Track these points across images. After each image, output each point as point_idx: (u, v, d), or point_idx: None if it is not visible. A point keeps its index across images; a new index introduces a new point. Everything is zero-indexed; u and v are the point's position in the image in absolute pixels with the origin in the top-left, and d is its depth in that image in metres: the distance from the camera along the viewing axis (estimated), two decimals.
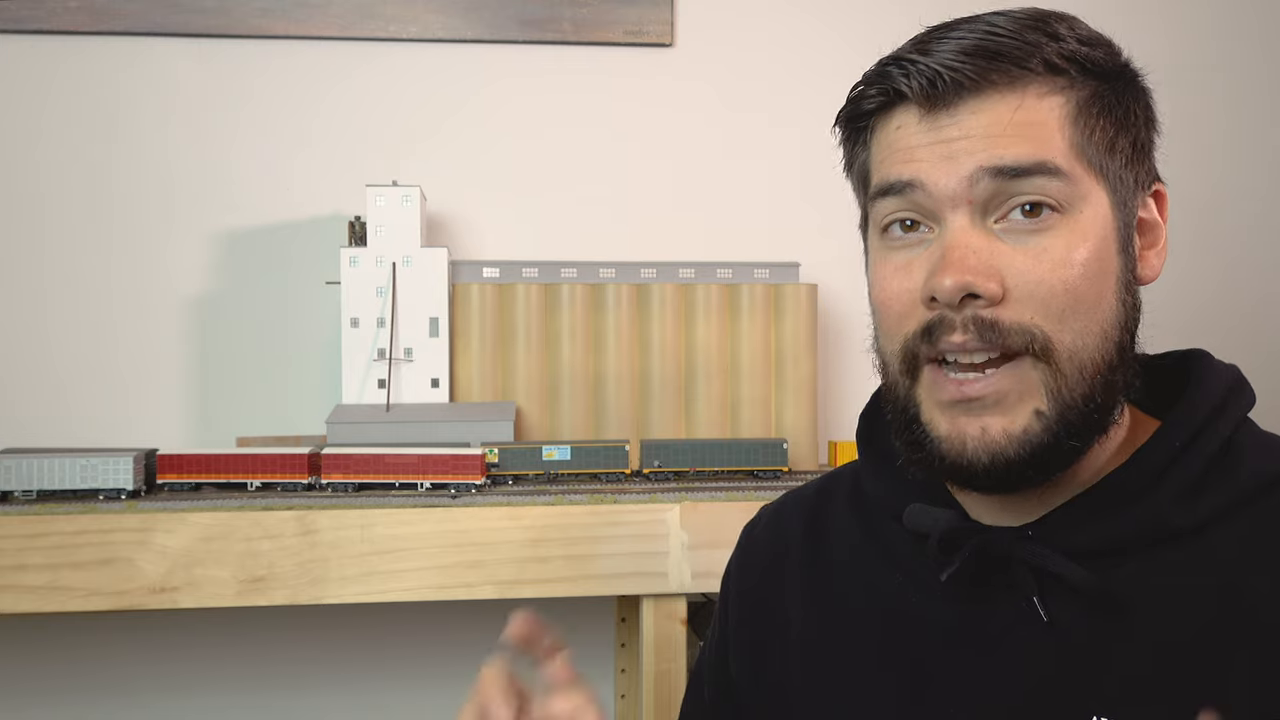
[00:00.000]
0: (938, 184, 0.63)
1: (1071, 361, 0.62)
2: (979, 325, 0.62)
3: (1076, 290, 0.62)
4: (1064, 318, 0.62)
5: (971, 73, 0.62)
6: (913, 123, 0.65)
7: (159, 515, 1.08)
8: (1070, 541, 0.64)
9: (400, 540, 1.11)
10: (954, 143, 0.63)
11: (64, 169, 1.45)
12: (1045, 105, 0.63)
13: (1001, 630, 0.65)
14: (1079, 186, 0.63)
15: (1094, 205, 0.63)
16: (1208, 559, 0.62)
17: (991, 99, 0.63)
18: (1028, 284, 0.62)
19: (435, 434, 1.30)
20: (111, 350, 1.45)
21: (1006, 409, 0.62)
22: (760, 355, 1.41)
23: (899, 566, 0.72)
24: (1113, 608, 0.62)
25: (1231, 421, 0.66)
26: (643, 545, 1.13)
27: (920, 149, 0.64)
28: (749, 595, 0.82)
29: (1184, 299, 1.61)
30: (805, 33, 1.56)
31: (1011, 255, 0.62)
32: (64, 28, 1.43)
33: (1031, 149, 0.62)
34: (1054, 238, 0.62)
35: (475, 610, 1.50)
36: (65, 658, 1.44)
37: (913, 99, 0.64)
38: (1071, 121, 0.63)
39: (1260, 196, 1.65)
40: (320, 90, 1.49)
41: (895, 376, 0.67)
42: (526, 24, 1.50)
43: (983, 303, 0.62)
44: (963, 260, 0.62)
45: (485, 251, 1.51)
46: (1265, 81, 1.64)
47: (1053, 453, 0.62)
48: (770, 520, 0.85)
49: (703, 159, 1.55)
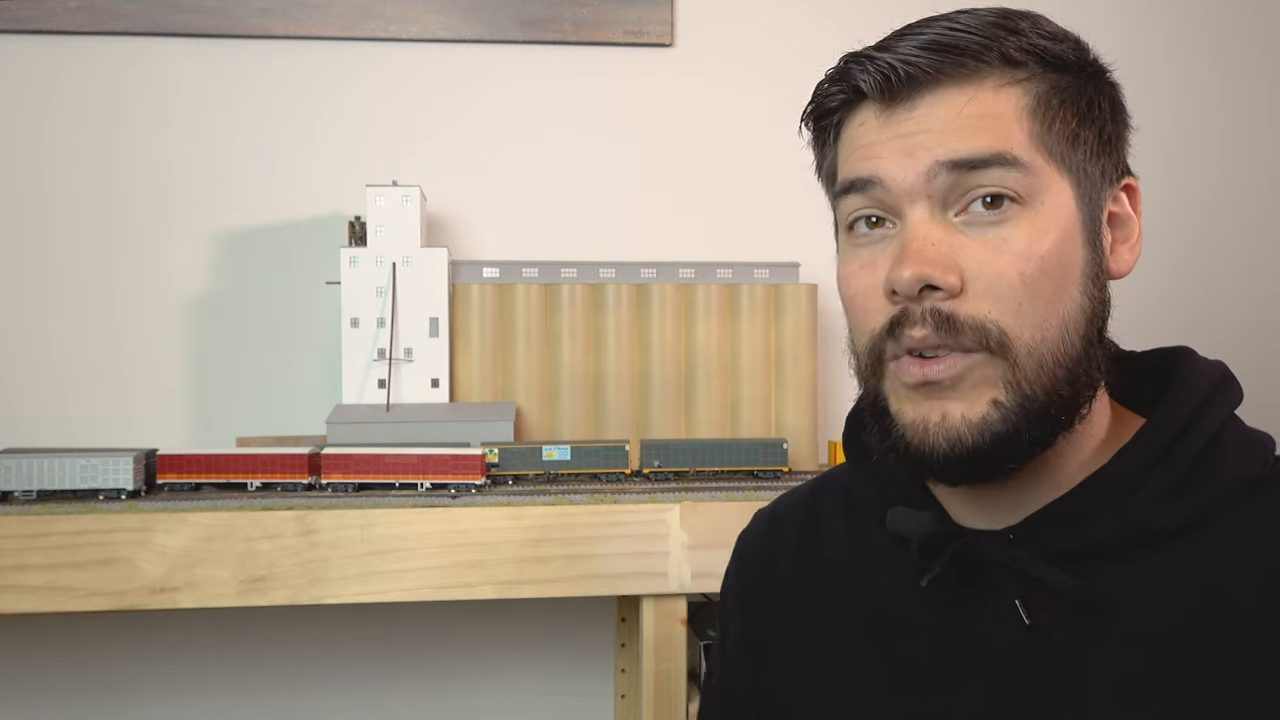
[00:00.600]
0: (896, 179, 0.63)
1: (1030, 356, 0.62)
2: (936, 319, 0.62)
3: (1034, 283, 0.61)
4: (1021, 311, 0.61)
5: (926, 66, 0.63)
6: (872, 119, 0.65)
7: (159, 515, 1.08)
8: (1052, 544, 0.64)
9: (400, 540, 1.11)
10: (912, 137, 0.63)
11: (64, 169, 1.45)
12: (1003, 97, 0.63)
13: (985, 634, 0.65)
14: (1039, 178, 0.62)
15: (1056, 197, 0.63)
16: (1192, 560, 0.62)
17: (948, 92, 0.63)
18: (986, 276, 0.62)
19: (435, 434, 1.30)
20: (112, 350, 1.45)
21: (964, 394, 0.62)
22: (760, 355, 1.41)
23: (883, 569, 0.72)
24: (1095, 611, 0.62)
25: (1217, 419, 0.65)
26: (643, 545, 1.13)
27: (879, 144, 0.64)
28: (745, 599, 0.82)
29: (1182, 298, 1.61)
30: (805, 33, 1.56)
31: (972, 247, 0.62)
32: (64, 28, 1.43)
33: (988, 141, 0.62)
34: (1014, 229, 0.62)
35: (475, 610, 1.51)
36: (65, 658, 1.44)
37: (870, 95, 0.65)
38: (1030, 113, 0.63)
39: (1260, 196, 1.65)
40: (320, 90, 1.49)
41: (865, 373, 0.67)
42: (526, 24, 1.50)
43: (941, 295, 0.62)
44: (921, 252, 0.62)
45: (485, 251, 1.51)
46: (1264, 81, 1.64)
47: (1012, 443, 0.62)
48: (764, 524, 0.85)
49: (703, 159, 1.55)
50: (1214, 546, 0.62)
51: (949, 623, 0.67)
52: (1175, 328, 1.57)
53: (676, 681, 1.15)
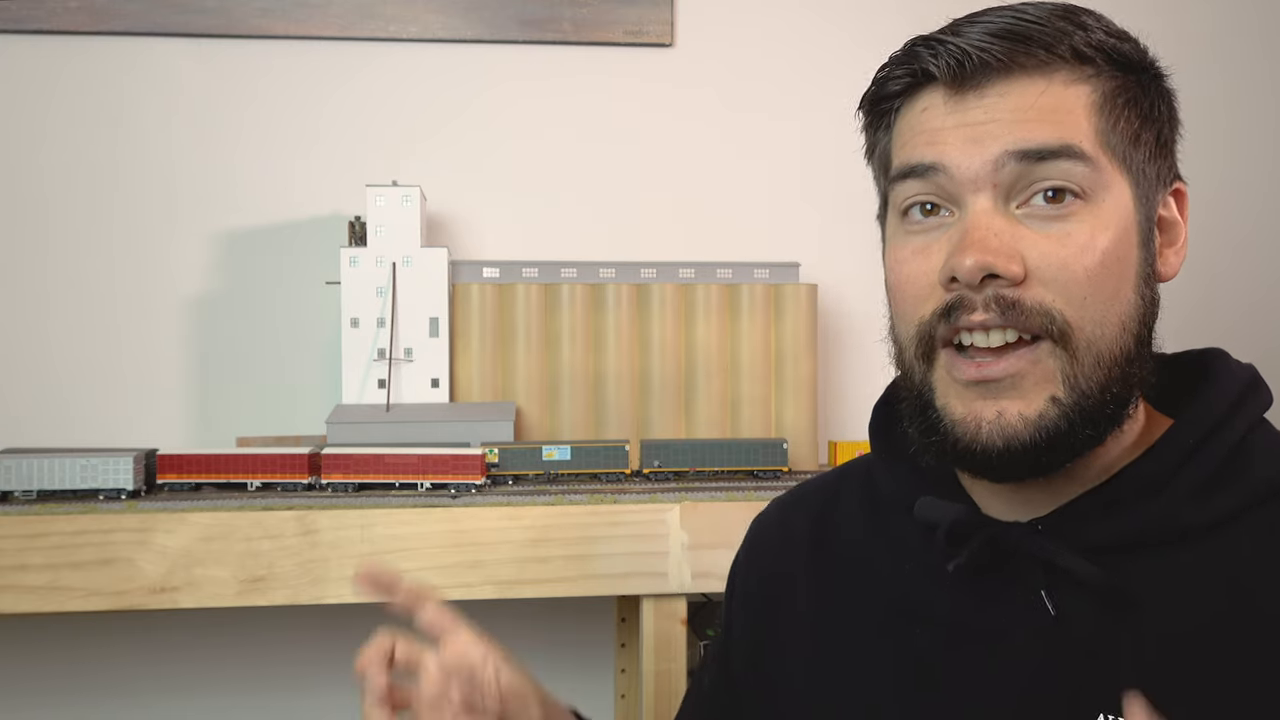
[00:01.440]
0: (961, 166, 0.63)
1: (1089, 350, 0.62)
2: (1000, 304, 0.61)
3: (1097, 278, 0.61)
4: (1084, 304, 0.61)
5: (1000, 54, 0.62)
6: (939, 104, 0.64)
7: (159, 515, 1.08)
8: (1080, 537, 0.64)
9: (400, 540, 1.11)
10: (980, 125, 0.62)
11: (64, 169, 1.45)
12: (1072, 92, 0.63)
13: (1009, 624, 0.65)
14: (1103, 174, 0.62)
15: (1116, 195, 0.63)
16: (1220, 558, 0.62)
17: (1019, 82, 0.63)
18: (1050, 267, 0.61)
19: (435, 434, 1.30)
20: (112, 350, 1.45)
21: (1023, 393, 0.62)
22: (760, 355, 1.41)
23: (908, 558, 0.71)
24: (1121, 604, 0.62)
25: (1246, 421, 0.65)
26: (643, 545, 1.13)
27: (946, 131, 0.63)
28: (754, 585, 0.82)
29: (1181, 297, 1.61)
30: (805, 32, 1.56)
31: (1034, 239, 0.62)
32: (65, 28, 1.43)
33: (1057, 132, 0.62)
34: (1076, 224, 0.62)
35: (475, 610, 1.50)
36: (65, 658, 1.44)
37: (940, 79, 0.64)
38: (1097, 110, 0.63)
39: (1265, 194, 1.64)
40: (320, 90, 1.49)
41: (911, 361, 0.67)
42: (526, 24, 1.50)
43: (1004, 283, 0.61)
44: (984, 241, 0.61)
45: (485, 251, 1.51)
46: (1266, 79, 1.64)
47: (1067, 440, 0.62)
48: (779, 512, 0.85)
49: (703, 159, 1.55)
50: (1243, 546, 0.62)
51: (971, 613, 0.67)
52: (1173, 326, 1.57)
53: (676, 681, 1.15)
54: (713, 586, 1.14)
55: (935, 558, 0.68)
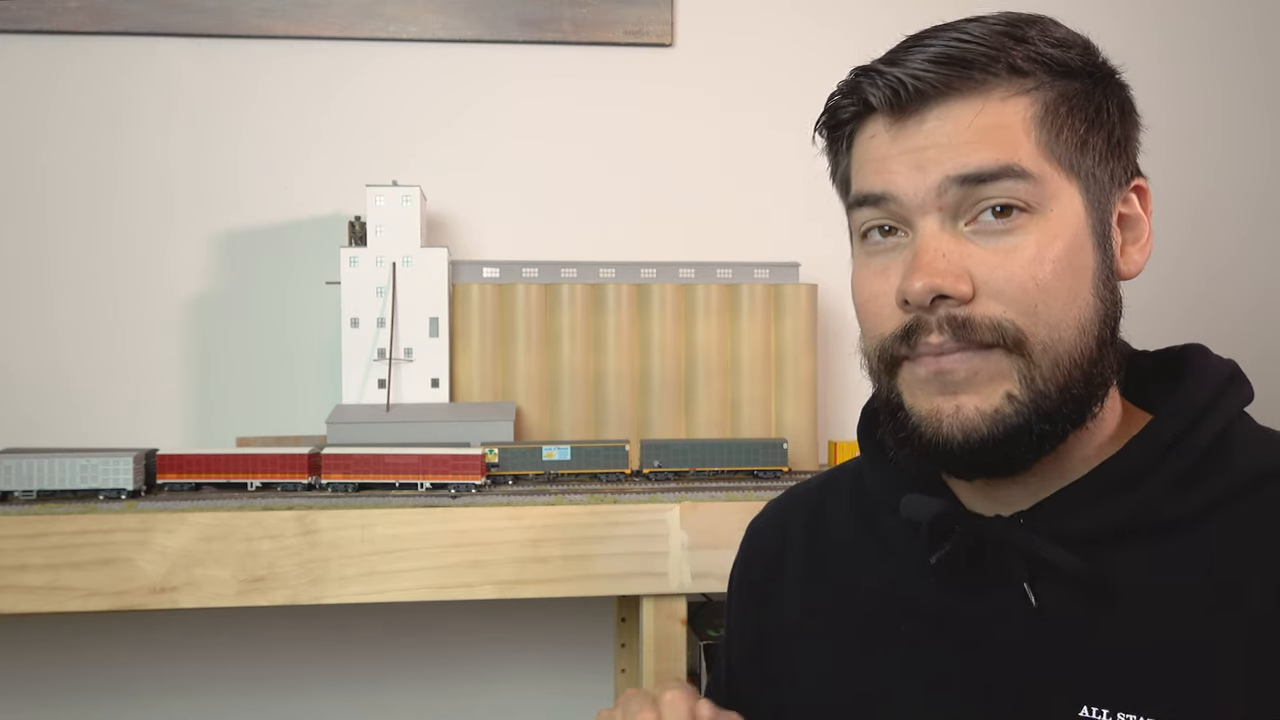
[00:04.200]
0: (907, 193, 0.65)
1: (1046, 354, 0.63)
2: (952, 325, 0.63)
3: (1048, 287, 0.63)
4: (1036, 312, 0.63)
5: (934, 80, 0.63)
6: (883, 132, 0.66)
7: (159, 515, 1.08)
8: (1061, 528, 0.65)
9: (400, 540, 1.11)
10: (921, 151, 0.64)
11: (64, 169, 1.45)
12: (1010, 108, 0.64)
13: (993, 616, 0.66)
14: (1048, 186, 0.64)
15: (1065, 203, 0.64)
16: (1201, 550, 0.62)
17: (956, 105, 0.64)
18: (998, 280, 0.63)
19: (435, 434, 1.30)
20: (112, 350, 1.45)
21: (978, 387, 0.64)
22: (760, 355, 1.41)
23: (895, 556, 0.73)
24: (1103, 595, 0.63)
25: (1226, 415, 0.66)
26: (643, 545, 1.13)
27: (890, 159, 0.65)
28: (750, 587, 0.84)
29: (1178, 295, 1.61)
30: (805, 32, 1.56)
31: (983, 255, 0.63)
32: (65, 28, 1.43)
33: (996, 153, 0.63)
34: (1024, 236, 0.63)
35: (475, 610, 1.51)
36: (65, 658, 1.44)
37: (879, 109, 0.66)
38: (1038, 122, 0.64)
39: (1256, 194, 1.65)
40: (320, 90, 1.49)
41: (878, 374, 0.69)
42: (526, 24, 1.50)
43: (954, 302, 0.63)
44: (932, 264, 0.63)
45: (485, 251, 1.51)
46: (1261, 81, 1.64)
47: (1023, 436, 0.63)
48: (773, 514, 0.86)
49: (703, 159, 1.55)
50: (1224, 539, 0.62)
51: (955, 606, 0.68)
52: (1170, 325, 1.57)
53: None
54: (713, 586, 1.14)
55: (921, 554, 0.69)
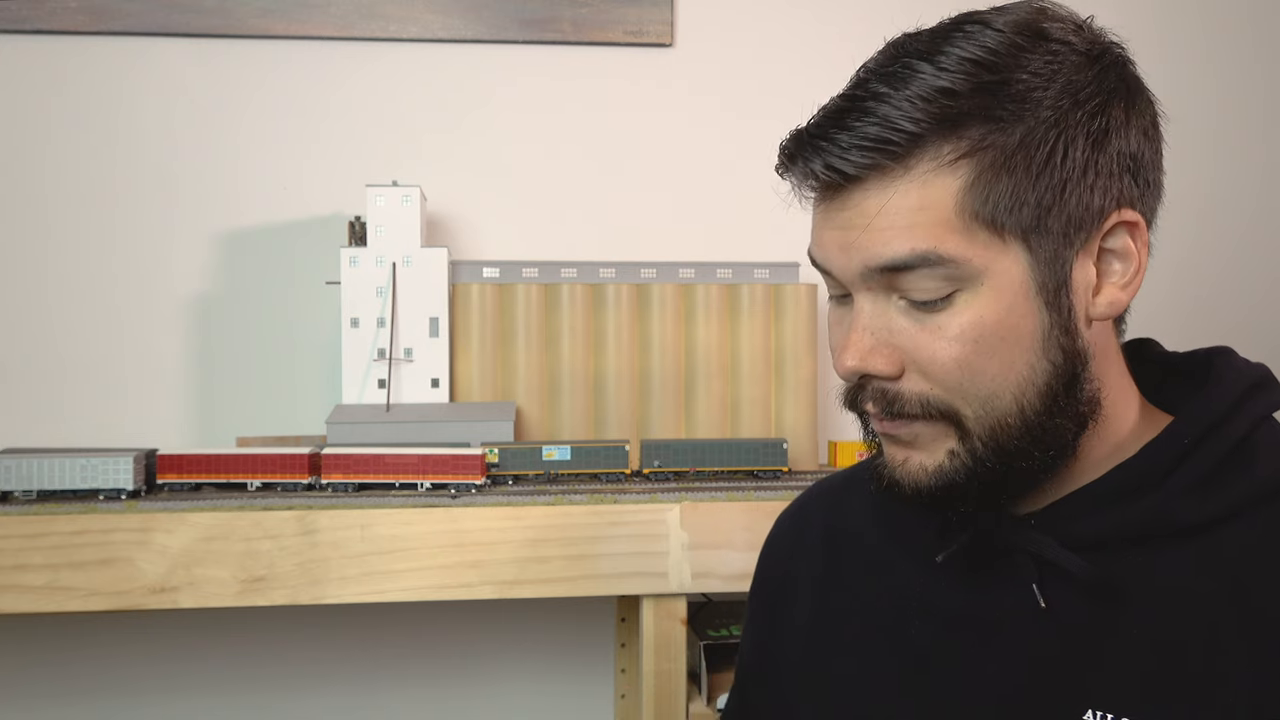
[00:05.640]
0: (838, 270, 0.65)
1: (980, 423, 0.63)
2: (883, 399, 0.65)
3: (972, 365, 0.62)
4: (962, 389, 0.63)
5: (851, 170, 0.62)
6: (819, 202, 0.67)
7: (159, 515, 1.08)
8: (1071, 531, 0.65)
9: (400, 540, 1.11)
10: (845, 233, 0.64)
11: (64, 169, 1.45)
12: (937, 185, 0.60)
13: (1001, 616, 0.66)
14: (975, 260, 0.61)
15: (1004, 268, 0.61)
16: (1216, 557, 0.62)
17: (876, 188, 0.62)
18: (921, 361, 0.63)
19: (435, 434, 1.30)
20: (112, 350, 1.45)
21: (922, 446, 0.65)
22: (760, 355, 1.41)
23: (909, 553, 0.73)
24: (1112, 598, 0.62)
25: (1248, 420, 0.65)
26: (643, 545, 1.13)
27: (824, 233, 0.66)
28: (770, 580, 0.85)
29: (1181, 295, 1.61)
30: (805, 32, 1.56)
31: (911, 333, 0.63)
32: (64, 28, 1.43)
33: (912, 243, 0.61)
34: (952, 315, 0.62)
35: (475, 610, 1.51)
36: (65, 658, 1.44)
37: (812, 187, 0.66)
38: (969, 190, 0.60)
39: (1256, 194, 1.64)
40: (320, 90, 1.49)
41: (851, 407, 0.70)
42: (526, 24, 1.50)
43: (883, 379, 0.64)
44: (859, 344, 0.64)
45: (485, 251, 1.50)
46: (1261, 80, 1.64)
47: (969, 487, 0.64)
48: (796, 510, 0.87)
49: (702, 158, 1.55)
50: (1240, 545, 0.62)
51: (965, 605, 0.68)
52: (1173, 325, 1.57)
53: (676, 681, 1.15)
54: (713, 586, 1.14)
55: (932, 551, 0.69)
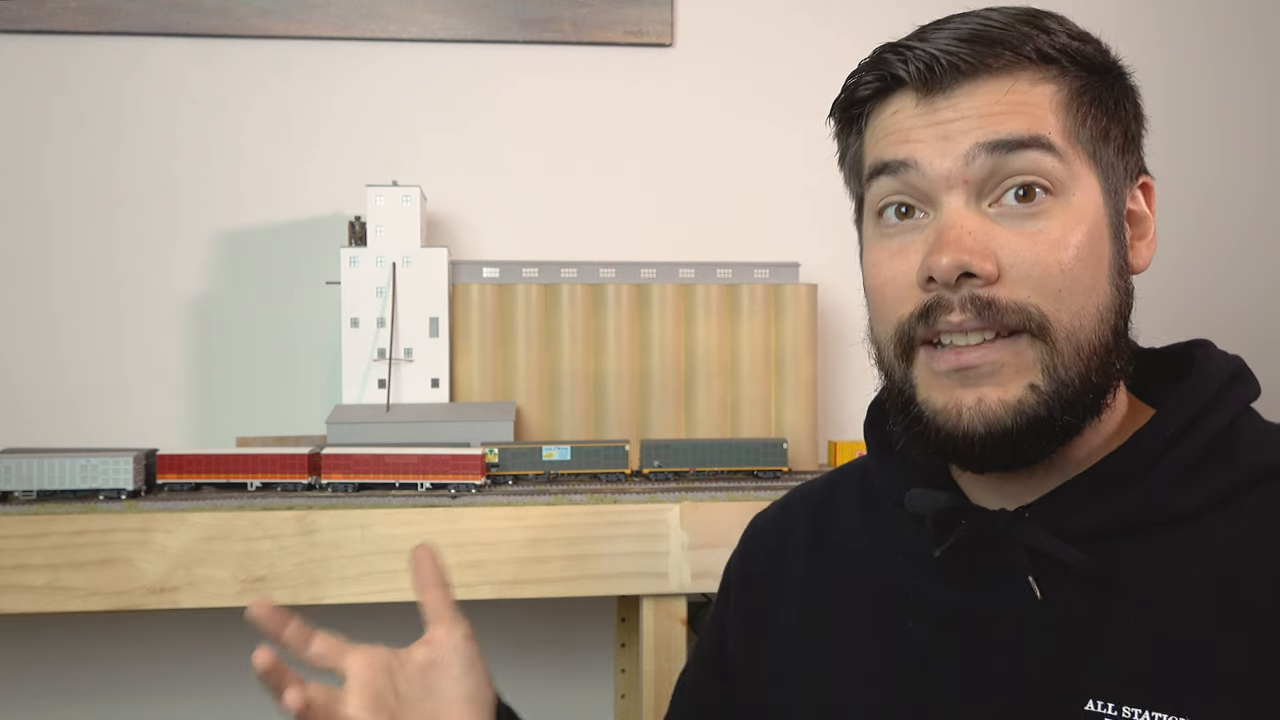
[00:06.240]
0: (933, 164, 0.64)
1: (1069, 341, 0.63)
2: (976, 304, 0.63)
3: (1072, 271, 0.63)
4: (1060, 297, 0.63)
5: (968, 56, 0.64)
6: (909, 106, 0.66)
7: (159, 515, 1.08)
8: (1065, 523, 0.65)
9: (400, 540, 1.11)
10: (950, 123, 0.64)
11: (65, 169, 1.45)
12: (1038, 90, 0.65)
13: (998, 610, 0.66)
14: (1072, 167, 0.64)
15: (1086, 190, 0.65)
16: (1205, 544, 0.62)
17: (986, 83, 0.64)
18: (1024, 264, 0.63)
19: (435, 434, 1.30)
20: (112, 350, 1.45)
21: (1002, 380, 0.63)
22: (760, 355, 1.41)
23: (900, 550, 0.73)
24: (1107, 588, 0.63)
25: (1230, 410, 0.66)
26: (643, 545, 1.13)
27: (917, 130, 0.65)
28: (751, 582, 0.84)
29: (1180, 293, 1.61)
30: (805, 33, 1.56)
31: (1007, 237, 0.63)
32: (64, 28, 1.43)
33: (1026, 124, 0.63)
34: (1048, 220, 0.63)
35: (475, 610, 1.50)
36: (65, 658, 1.44)
37: (910, 83, 0.66)
38: (1064, 107, 0.65)
39: (1256, 193, 1.65)
40: (320, 90, 1.49)
41: (891, 361, 0.68)
42: (526, 24, 1.50)
43: (979, 282, 0.63)
44: (959, 240, 0.63)
45: (485, 251, 1.51)
46: (1263, 79, 1.64)
47: (1046, 427, 0.63)
48: (777, 511, 0.86)
49: (703, 159, 1.55)
50: (1229, 534, 0.62)
51: (961, 600, 0.68)
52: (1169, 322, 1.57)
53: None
54: (713, 586, 1.14)
55: (926, 548, 0.69)
